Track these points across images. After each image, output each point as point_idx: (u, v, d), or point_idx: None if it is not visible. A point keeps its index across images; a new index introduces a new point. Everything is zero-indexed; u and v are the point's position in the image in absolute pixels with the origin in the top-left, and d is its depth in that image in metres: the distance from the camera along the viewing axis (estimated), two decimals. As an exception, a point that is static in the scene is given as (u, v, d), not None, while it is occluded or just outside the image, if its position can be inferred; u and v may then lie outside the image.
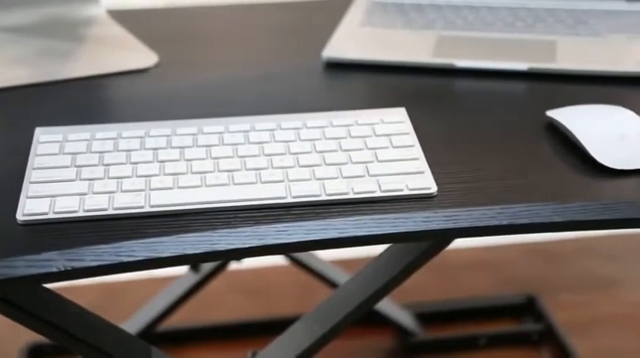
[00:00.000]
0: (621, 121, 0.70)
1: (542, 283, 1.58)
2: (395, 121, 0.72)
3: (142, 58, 0.90)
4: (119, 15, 1.01)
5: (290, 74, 0.86)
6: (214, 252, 0.59)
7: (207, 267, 1.30)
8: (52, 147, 0.68)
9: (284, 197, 0.62)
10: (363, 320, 0.85)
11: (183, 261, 0.59)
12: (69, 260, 0.57)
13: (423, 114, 0.76)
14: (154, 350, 0.81)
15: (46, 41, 0.93)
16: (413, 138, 0.70)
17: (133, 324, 1.28)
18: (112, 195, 0.62)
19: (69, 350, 0.73)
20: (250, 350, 0.88)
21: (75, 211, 0.61)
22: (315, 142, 0.69)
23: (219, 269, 1.30)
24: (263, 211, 0.62)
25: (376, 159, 0.67)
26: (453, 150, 0.70)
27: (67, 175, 0.65)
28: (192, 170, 0.65)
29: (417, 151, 0.68)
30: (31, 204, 0.61)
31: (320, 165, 0.66)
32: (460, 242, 1.72)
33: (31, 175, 0.65)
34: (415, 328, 1.42)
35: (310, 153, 0.68)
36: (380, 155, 0.67)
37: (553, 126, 0.73)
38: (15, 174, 0.66)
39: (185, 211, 0.62)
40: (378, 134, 0.70)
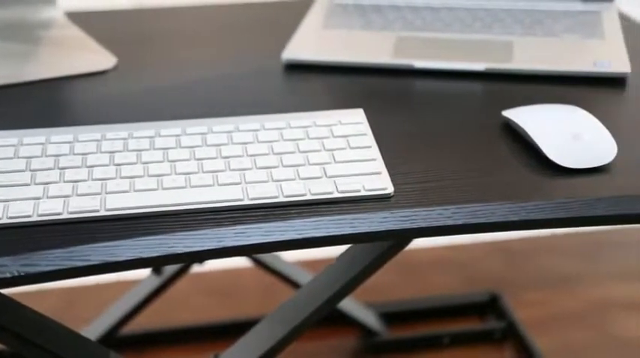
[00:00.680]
0: (575, 121, 0.71)
1: (505, 281, 1.60)
2: (353, 122, 0.72)
3: (101, 60, 0.89)
4: (79, 17, 1.00)
5: (250, 75, 0.86)
6: (172, 255, 0.59)
7: (169, 270, 1.29)
8: (6, 151, 0.67)
9: (241, 199, 0.62)
10: (327, 320, 0.86)
11: (140, 264, 0.58)
12: (22, 265, 0.56)
13: (381, 114, 0.76)
14: (112, 355, 0.80)
15: (2, 44, 0.91)
16: (370, 139, 0.70)
17: (95, 328, 1.27)
18: (67, 199, 0.62)
19: (25, 357, 0.71)
20: (212, 354, 0.88)
21: (29, 216, 0.60)
22: (273, 144, 0.69)
23: (181, 272, 1.30)
24: (221, 213, 0.62)
25: (334, 160, 0.67)
26: (410, 150, 0.71)
27: (21, 179, 0.64)
28: (149, 173, 0.65)
29: (375, 152, 0.68)
30: (-16, 209, 0.60)
31: (277, 166, 0.66)
32: (423, 241, 1.72)
33: (-15, 180, 0.64)
34: (379, 328, 1.43)
35: (268, 154, 0.67)
36: (337, 156, 0.67)
37: (509, 126, 0.74)
38: (-32, 178, 0.64)
39: (142, 214, 0.61)
40: (335, 135, 0.70)
